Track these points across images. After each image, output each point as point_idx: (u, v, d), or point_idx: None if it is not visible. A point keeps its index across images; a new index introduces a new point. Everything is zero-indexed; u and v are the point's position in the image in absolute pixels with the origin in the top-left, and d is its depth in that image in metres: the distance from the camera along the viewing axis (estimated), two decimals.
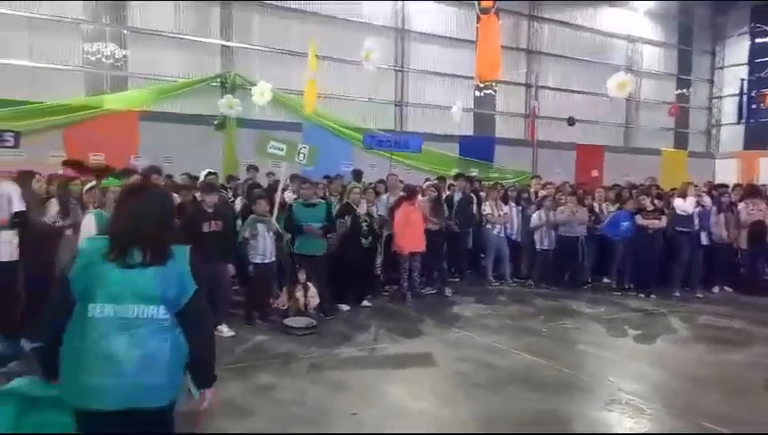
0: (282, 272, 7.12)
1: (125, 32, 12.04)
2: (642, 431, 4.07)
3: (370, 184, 8.58)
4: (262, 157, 6.95)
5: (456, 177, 9.57)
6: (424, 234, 7.75)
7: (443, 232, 8.22)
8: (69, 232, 5.27)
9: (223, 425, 3.86)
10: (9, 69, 10.73)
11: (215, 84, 12.78)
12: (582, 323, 7.04)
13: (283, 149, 6.65)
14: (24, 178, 5.18)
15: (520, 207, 9.41)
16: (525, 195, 9.72)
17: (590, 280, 9.14)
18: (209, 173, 7.64)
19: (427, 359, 5.47)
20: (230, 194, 8.24)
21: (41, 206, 5.26)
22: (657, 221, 8.41)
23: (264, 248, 6.46)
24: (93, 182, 5.62)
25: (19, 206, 4.82)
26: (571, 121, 16.58)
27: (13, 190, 5.01)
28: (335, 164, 11.10)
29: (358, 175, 9.70)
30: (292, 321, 6.26)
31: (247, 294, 6.86)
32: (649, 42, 19.59)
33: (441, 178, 10.07)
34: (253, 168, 9.17)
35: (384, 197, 8.47)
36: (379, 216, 7.82)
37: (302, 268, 6.73)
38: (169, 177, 7.21)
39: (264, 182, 8.61)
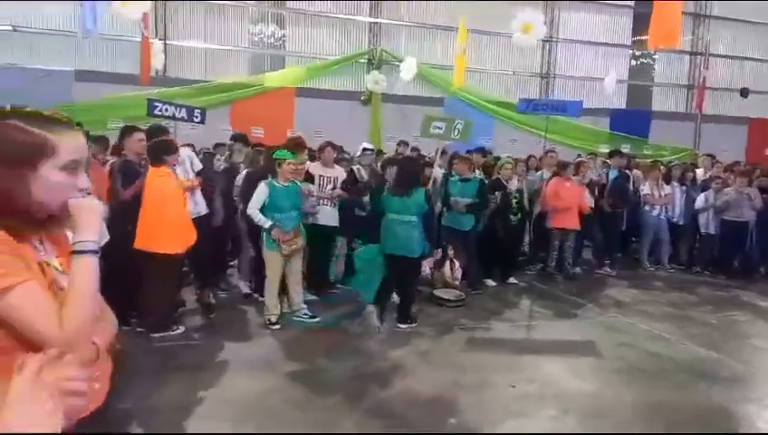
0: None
1: (284, 13, 12.84)
2: None
3: (518, 160, 8.40)
4: (425, 137, 7.05)
5: (611, 154, 9.04)
6: (578, 213, 7.48)
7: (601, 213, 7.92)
8: None
9: (393, 383, 4.14)
10: (188, 51, 11.99)
11: (362, 61, 13.23)
12: (755, 315, 6.41)
13: (442, 128, 6.72)
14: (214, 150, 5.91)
15: (684, 188, 8.68)
16: (690, 174, 8.93)
17: (763, 270, 8.25)
18: (365, 150, 7.95)
19: (585, 340, 5.33)
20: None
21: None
22: None
23: None
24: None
25: (198, 165, 5.49)
26: (744, 93, 14.79)
27: (191, 154, 5.73)
28: (474, 139, 11.00)
29: (483, 152, 9.48)
30: (442, 292, 6.43)
31: None
32: None
33: (593, 155, 9.59)
34: (403, 142, 9.41)
35: (538, 173, 8.26)
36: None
37: (450, 242, 6.85)
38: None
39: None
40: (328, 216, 6.11)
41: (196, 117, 6.61)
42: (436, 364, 4.66)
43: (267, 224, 5.11)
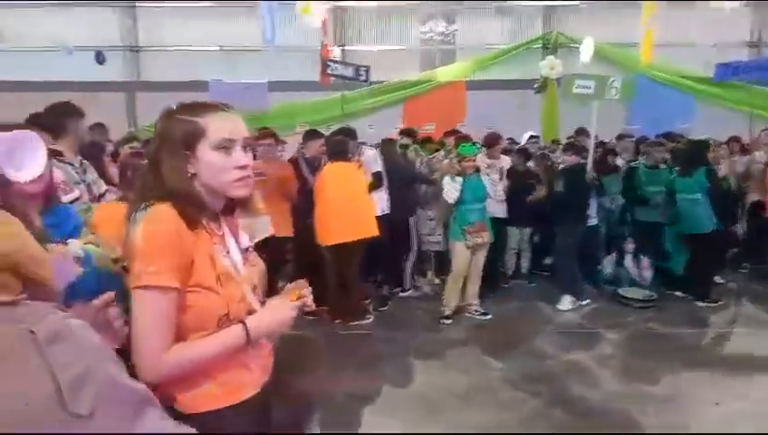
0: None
1: (454, 7, 12.82)
2: None
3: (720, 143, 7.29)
4: (568, 99, 6.43)
5: None
6: None
7: None
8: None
9: (566, 388, 3.87)
10: (362, 55, 12.60)
11: (536, 47, 12.66)
12: None
13: (590, 87, 6.01)
14: (387, 144, 6.07)
15: None
16: None
17: None
18: (531, 137, 7.60)
19: None
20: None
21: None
22: None
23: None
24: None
25: (376, 167, 5.65)
26: None
27: (375, 154, 5.92)
28: (671, 121, 9.83)
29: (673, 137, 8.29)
30: (627, 291, 5.85)
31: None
32: None
33: None
34: (582, 131, 8.78)
35: (749, 156, 7.10)
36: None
37: (635, 237, 6.20)
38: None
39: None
40: (495, 207, 5.92)
41: (361, 74, 6.94)
42: (617, 371, 4.24)
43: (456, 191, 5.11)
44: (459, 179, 5.11)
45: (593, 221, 6.00)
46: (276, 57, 10.96)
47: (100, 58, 11.17)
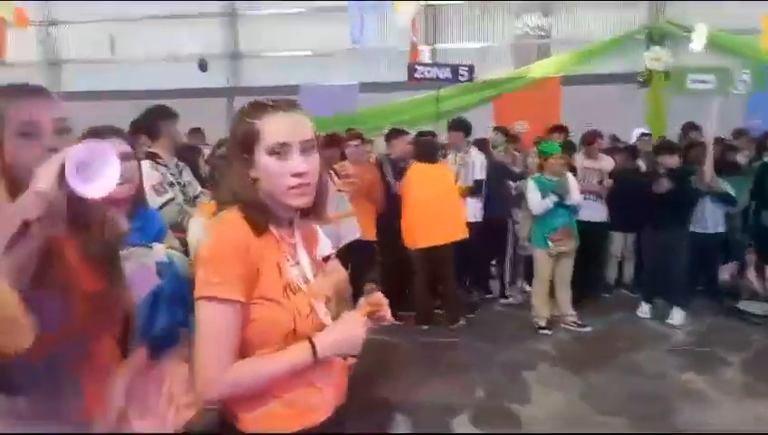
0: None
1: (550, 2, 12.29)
2: None
3: None
4: (680, 94, 5.78)
5: None
6: None
7: None
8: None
9: (682, 412, 3.49)
10: (452, 52, 12.39)
11: (639, 37, 11.82)
12: None
13: (709, 82, 5.35)
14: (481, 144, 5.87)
15: None
16: None
17: None
18: (643, 134, 7.04)
19: None
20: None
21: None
22: None
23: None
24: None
25: (480, 175, 5.42)
26: None
27: (482, 160, 5.68)
28: None
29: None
30: (748, 305, 5.25)
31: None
32: None
33: None
34: (692, 126, 8.05)
35: None
36: None
37: (760, 244, 5.53)
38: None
39: None
40: (593, 211, 5.52)
41: (462, 75, 6.50)
42: (736, 395, 3.78)
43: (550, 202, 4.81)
44: (538, 183, 4.84)
45: (720, 229, 5.35)
46: (367, 58, 11.03)
47: (202, 66, 11.81)
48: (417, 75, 6.55)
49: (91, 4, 12.08)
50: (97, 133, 1.75)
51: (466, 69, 6.63)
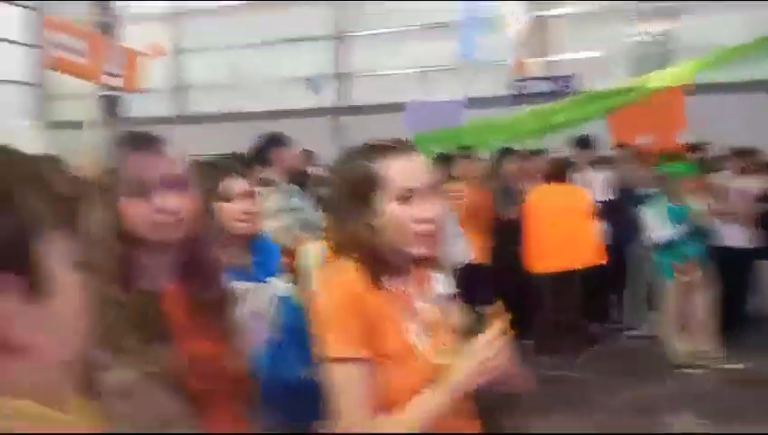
0: None
1: (675, 5, 11.44)
2: None
3: None
4: None
5: None
6: None
7: None
8: None
9: None
10: (563, 64, 11.86)
11: None
12: None
13: None
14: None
15: None
16: None
17: None
18: None
19: None
20: None
21: None
22: None
23: None
24: None
25: (600, 195, 5.04)
26: None
27: (603, 179, 5.26)
28: None
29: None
30: None
31: None
32: None
33: None
34: None
35: None
36: None
37: None
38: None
39: None
40: (737, 236, 4.92)
41: (566, 85, 6.26)
42: None
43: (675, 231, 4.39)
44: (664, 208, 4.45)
45: None
46: (474, 73, 10.83)
47: (314, 87, 12.19)
48: (518, 91, 6.38)
49: (214, 30, 13.05)
50: (216, 170, 1.76)
51: (569, 80, 6.38)
